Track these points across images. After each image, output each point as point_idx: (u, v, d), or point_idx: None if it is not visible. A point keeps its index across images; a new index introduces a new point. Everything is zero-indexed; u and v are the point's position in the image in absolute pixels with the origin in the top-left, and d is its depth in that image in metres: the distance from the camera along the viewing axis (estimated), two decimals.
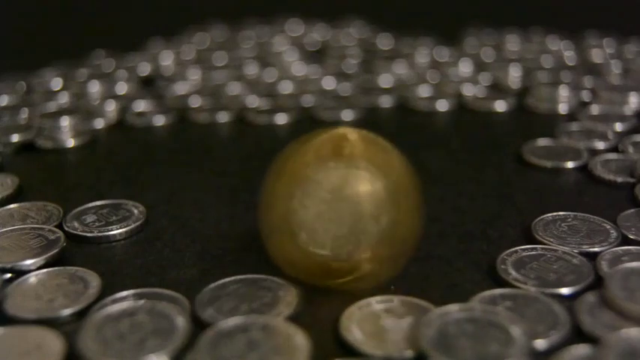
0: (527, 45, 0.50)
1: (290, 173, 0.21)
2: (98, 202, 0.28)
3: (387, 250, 0.21)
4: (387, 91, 0.42)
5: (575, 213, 0.26)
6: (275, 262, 0.22)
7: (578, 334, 0.20)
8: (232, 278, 0.22)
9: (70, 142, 0.35)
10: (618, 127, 0.35)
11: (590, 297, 0.21)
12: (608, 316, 0.20)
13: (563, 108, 0.39)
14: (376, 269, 0.21)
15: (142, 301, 0.21)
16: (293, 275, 0.22)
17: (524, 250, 0.24)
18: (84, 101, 0.41)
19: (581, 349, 0.19)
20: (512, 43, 0.51)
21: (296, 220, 0.20)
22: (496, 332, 0.19)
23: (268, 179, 0.22)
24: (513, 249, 0.24)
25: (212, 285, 0.22)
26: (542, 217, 0.26)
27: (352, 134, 0.21)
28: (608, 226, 0.25)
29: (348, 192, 0.20)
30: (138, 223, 0.26)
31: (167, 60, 0.48)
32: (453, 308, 0.20)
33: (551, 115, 0.38)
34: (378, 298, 0.21)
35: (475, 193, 0.29)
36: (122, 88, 0.43)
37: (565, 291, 0.21)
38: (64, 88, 0.43)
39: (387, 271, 0.22)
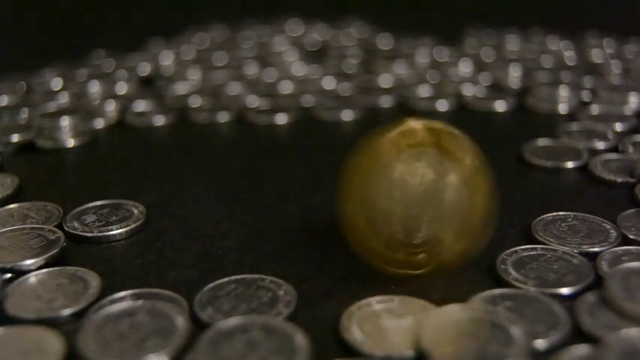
0: (527, 45, 0.50)
1: (367, 166, 0.21)
2: (98, 202, 0.28)
3: (466, 234, 0.21)
4: (387, 91, 0.42)
5: (575, 213, 0.26)
6: (357, 253, 0.22)
7: (578, 334, 0.20)
8: (231, 278, 0.22)
9: (70, 142, 0.35)
10: (618, 127, 0.35)
11: (590, 297, 0.21)
12: (608, 316, 0.20)
13: (563, 108, 0.39)
14: (456, 253, 0.22)
15: (140, 301, 0.21)
16: (375, 265, 0.22)
17: (524, 250, 0.24)
18: (84, 101, 0.41)
19: (581, 349, 0.19)
20: (512, 43, 0.51)
21: (376, 210, 0.21)
22: (496, 332, 0.19)
23: (345, 176, 0.22)
24: (513, 249, 0.24)
25: (211, 285, 0.22)
26: (542, 217, 0.26)
27: (422, 125, 0.22)
28: (608, 226, 0.25)
29: (426, 180, 0.21)
30: (138, 223, 0.26)
31: (167, 60, 0.48)
32: (453, 308, 0.20)
33: (551, 115, 0.38)
34: (378, 297, 0.21)
35: None
36: (122, 88, 0.43)
37: (565, 291, 0.21)
38: (64, 88, 0.43)
39: (466, 254, 0.22)
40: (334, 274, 0.23)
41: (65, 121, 0.36)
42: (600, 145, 0.33)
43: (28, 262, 0.23)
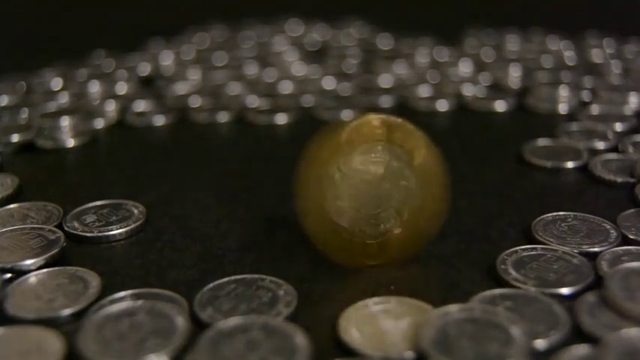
0: (527, 45, 0.50)
1: (321, 158, 0.22)
2: (98, 202, 0.28)
3: (415, 227, 0.22)
4: (387, 91, 0.42)
5: (575, 213, 0.26)
6: (313, 243, 0.23)
7: (578, 334, 0.20)
8: (231, 278, 0.22)
9: (70, 142, 0.35)
10: (618, 127, 0.35)
11: (590, 297, 0.21)
12: (608, 316, 0.20)
13: (563, 108, 0.39)
14: (405, 246, 0.22)
15: (140, 301, 0.21)
16: (328, 255, 0.23)
17: (524, 250, 0.23)
18: (84, 101, 0.41)
19: (581, 349, 0.19)
20: (512, 43, 0.51)
21: (328, 201, 0.22)
22: (496, 332, 0.19)
23: (301, 166, 0.22)
24: (513, 249, 0.24)
25: (211, 285, 0.22)
26: (542, 217, 0.26)
27: (378, 119, 0.22)
28: (608, 226, 0.25)
29: (376, 173, 0.21)
30: (138, 223, 0.26)
31: (167, 60, 0.48)
32: (453, 308, 0.20)
33: (551, 115, 0.38)
34: (376, 299, 0.21)
35: (475, 193, 0.29)
36: (122, 88, 0.43)
37: (565, 291, 0.21)
38: (64, 88, 0.43)
39: (414, 248, 0.23)
40: (334, 274, 0.23)
41: (65, 121, 0.36)
42: (600, 145, 0.33)
43: (28, 262, 0.23)
